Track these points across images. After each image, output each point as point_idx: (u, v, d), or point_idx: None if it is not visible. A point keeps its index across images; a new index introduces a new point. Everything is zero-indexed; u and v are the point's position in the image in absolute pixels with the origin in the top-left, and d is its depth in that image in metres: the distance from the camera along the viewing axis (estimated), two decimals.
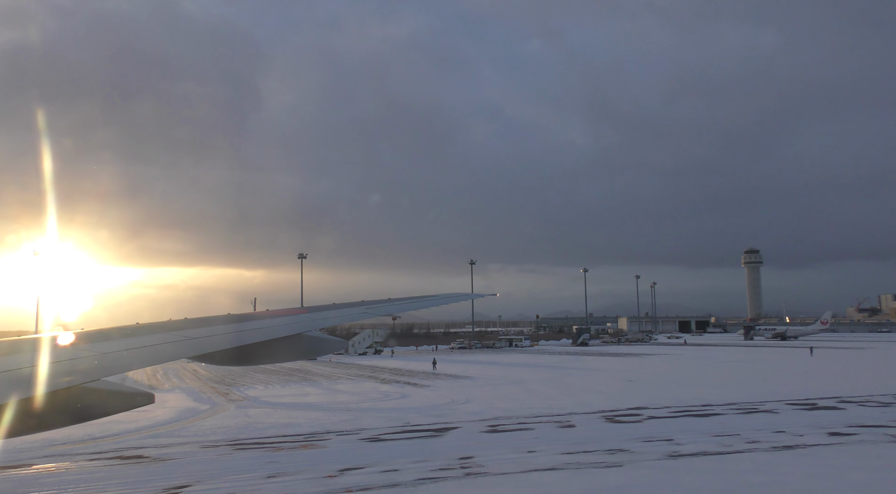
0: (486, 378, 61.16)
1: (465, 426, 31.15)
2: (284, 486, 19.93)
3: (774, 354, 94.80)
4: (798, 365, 72.16)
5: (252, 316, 11.73)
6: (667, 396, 41.58)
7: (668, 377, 59.09)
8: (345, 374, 70.52)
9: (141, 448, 27.41)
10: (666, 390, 45.98)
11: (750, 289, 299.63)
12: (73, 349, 7.62)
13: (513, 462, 22.24)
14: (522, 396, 44.33)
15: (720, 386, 49.10)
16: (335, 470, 21.83)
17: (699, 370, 67.75)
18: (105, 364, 7.20)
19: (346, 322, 13.58)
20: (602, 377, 60.28)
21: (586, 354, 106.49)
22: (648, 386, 50.59)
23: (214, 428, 32.48)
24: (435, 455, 24.11)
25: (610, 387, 49.60)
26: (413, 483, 19.72)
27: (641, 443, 25.28)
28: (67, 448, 28.01)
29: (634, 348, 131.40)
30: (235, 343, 9.50)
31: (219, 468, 23.09)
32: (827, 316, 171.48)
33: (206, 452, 26.35)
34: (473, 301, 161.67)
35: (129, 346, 8.02)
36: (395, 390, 50.67)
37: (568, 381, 56.03)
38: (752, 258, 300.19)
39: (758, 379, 55.16)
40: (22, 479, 22.15)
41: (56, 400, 6.28)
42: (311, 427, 32.10)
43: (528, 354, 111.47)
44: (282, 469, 22.26)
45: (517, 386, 51.76)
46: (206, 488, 19.99)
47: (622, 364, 79.33)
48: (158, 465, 23.94)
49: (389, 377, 64.72)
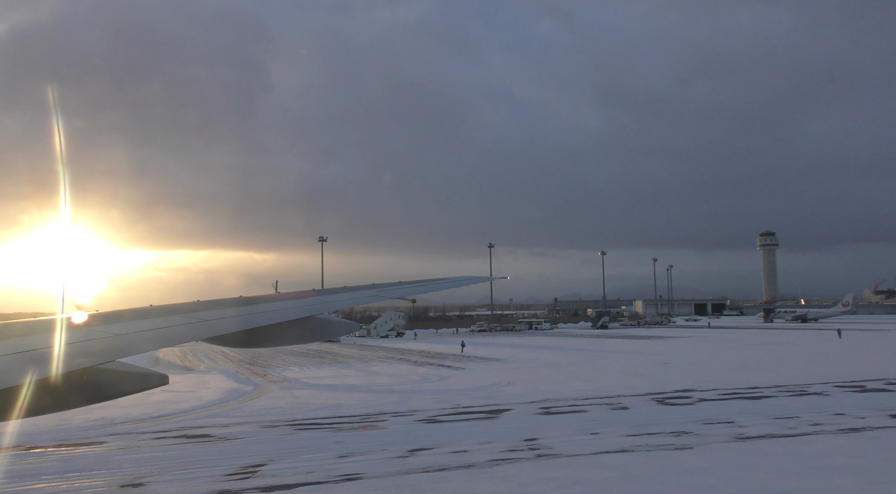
0: (518, 360, 61.34)
1: (516, 408, 31.29)
2: (360, 465, 20.15)
3: (801, 337, 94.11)
4: (829, 347, 71.58)
5: (263, 299, 11.85)
6: (708, 379, 41.45)
7: (702, 359, 58.87)
8: (375, 357, 71.06)
9: (202, 428, 27.85)
10: (704, 373, 45.81)
11: (765, 272, 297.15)
12: (88, 330, 7.65)
13: (580, 444, 22.32)
14: (562, 378, 44.42)
15: (759, 368, 48.88)
16: (404, 451, 22.05)
17: (730, 352, 67.45)
18: (119, 345, 7.26)
19: (356, 305, 13.58)
20: (635, 359, 60.21)
21: (609, 337, 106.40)
22: (684, 368, 50.46)
23: (267, 409, 32.90)
24: (498, 436, 24.25)
25: (647, 370, 49.54)
26: (488, 464, 19.86)
27: (703, 426, 25.26)
28: (128, 428, 28.55)
29: (655, 331, 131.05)
30: (247, 325, 9.57)
31: (287, 447, 23.41)
32: (848, 299, 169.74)
33: (268, 432, 26.73)
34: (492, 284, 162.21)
35: (143, 328, 8.07)
36: (432, 372, 50.98)
37: (602, 364, 56.05)
38: (767, 240, 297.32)
39: (795, 361, 54.81)
40: (99, 456, 22.61)
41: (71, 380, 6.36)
42: (362, 408, 32.41)
43: (550, 337, 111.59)
44: (351, 449, 22.52)
45: (553, 369, 51.87)
46: (283, 467, 20.28)
47: (650, 346, 79.19)
48: (226, 444, 24.32)
49: (421, 359, 65.13)
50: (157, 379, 7.69)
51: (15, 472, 20.60)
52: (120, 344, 7.28)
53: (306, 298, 12.08)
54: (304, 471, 19.69)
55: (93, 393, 6.94)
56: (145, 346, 7.54)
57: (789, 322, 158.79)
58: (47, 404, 6.37)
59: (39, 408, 6.26)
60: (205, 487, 18.32)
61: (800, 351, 67.87)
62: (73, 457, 22.84)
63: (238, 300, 11.16)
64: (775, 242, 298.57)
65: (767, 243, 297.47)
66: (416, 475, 18.90)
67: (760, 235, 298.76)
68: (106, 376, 6.97)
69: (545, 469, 19.14)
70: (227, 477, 19.29)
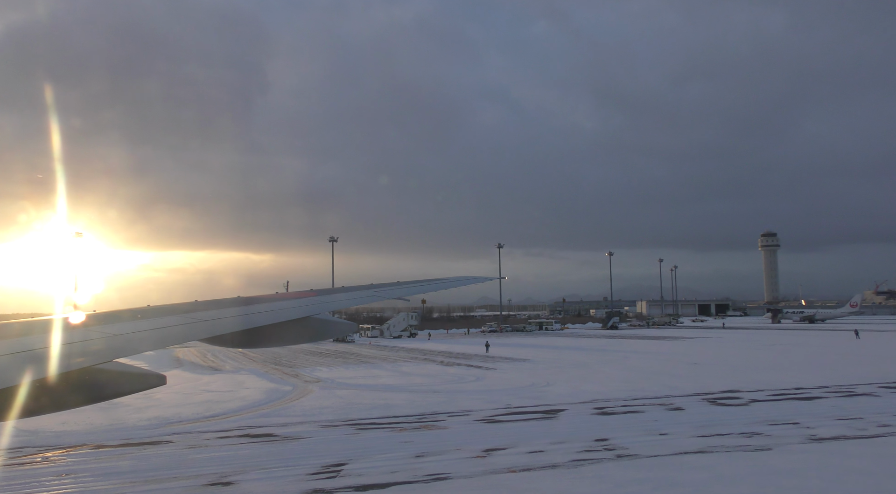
0: (544, 361, 61.26)
1: (570, 408, 31.25)
2: (440, 465, 20.12)
3: (818, 337, 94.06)
4: (851, 347, 71.55)
5: (261, 299, 11.80)
6: (748, 379, 41.39)
7: (729, 360, 58.78)
8: (398, 357, 71.04)
9: (261, 427, 27.81)
10: (740, 373, 45.74)
11: (767, 273, 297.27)
12: (86, 330, 7.62)
13: (654, 445, 22.29)
14: (599, 379, 44.36)
15: (791, 369, 48.80)
16: (479, 451, 22.01)
17: (754, 353, 67.42)
18: (117, 345, 7.24)
19: (354, 305, 13.60)
20: (662, 360, 60.16)
21: (623, 338, 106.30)
22: (716, 368, 50.42)
23: (317, 409, 32.84)
24: (566, 436, 24.22)
25: (679, 370, 49.51)
26: (571, 465, 19.83)
27: (769, 427, 25.21)
28: (185, 427, 28.54)
29: (666, 331, 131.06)
30: (245, 325, 9.55)
31: (357, 446, 23.36)
32: (856, 300, 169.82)
33: (330, 431, 26.70)
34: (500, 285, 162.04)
35: (141, 328, 8.05)
36: (464, 372, 50.92)
37: (631, 364, 55.98)
38: (768, 241, 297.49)
39: (825, 361, 54.71)
40: (173, 455, 22.58)
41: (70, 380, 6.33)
42: (412, 408, 32.33)
43: (564, 338, 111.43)
44: (423, 449, 22.47)
45: (584, 370, 51.81)
46: (363, 466, 20.25)
47: (670, 347, 79.14)
48: (295, 443, 24.29)
49: (447, 360, 65.08)
50: (154, 380, 7.59)
51: (97, 470, 20.59)
52: (118, 344, 7.26)
53: (305, 298, 12.05)
54: (388, 471, 19.66)
55: (91, 393, 6.89)
56: (143, 346, 7.49)
57: (797, 322, 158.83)
58: (45, 404, 6.33)
59: (38, 408, 6.22)
60: (294, 486, 18.29)
61: (824, 351, 67.80)
62: (147, 456, 22.83)
63: (236, 300, 11.11)
64: (776, 243, 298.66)
65: (769, 244, 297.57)
66: (503, 475, 18.88)
67: (762, 236, 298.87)
68: (104, 376, 6.92)
69: (631, 469, 19.10)
70: (312, 477, 19.26)
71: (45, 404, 6.31)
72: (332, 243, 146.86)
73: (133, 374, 7.35)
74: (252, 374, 52.46)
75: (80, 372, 6.41)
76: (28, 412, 6.09)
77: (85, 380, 6.65)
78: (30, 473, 20.56)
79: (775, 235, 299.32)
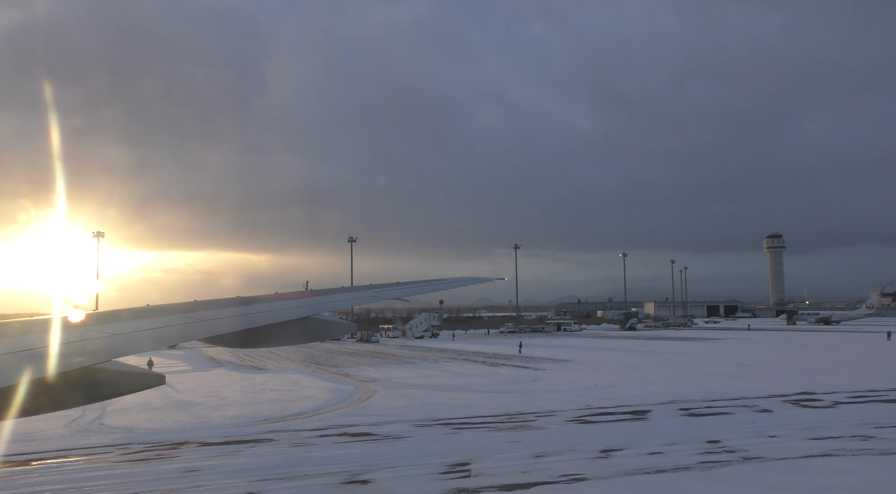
0: (587, 361, 61.04)
1: (654, 410, 31.06)
2: (567, 465, 19.97)
3: (848, 339, 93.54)
4: (889, 349, 71.14)
5: (260, 299, 11.76)
6: (814, 381, 41.02)
7: (774, 361, 58.40)
8: (438, 357, 70.97)
9: (353, 426, 27.69)
10: (799, 375, 45.40)
11: (772, 274, 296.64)
12: (85, 330, 7.59)
13: (771, 448, 22.09)
14: (658, 380, 44.10)
15: (848, 370, 48.23)
16: (596, 451, 21.86)
17: (794, 354, 67.05)
18: (116, 345, 7.21)
19: (354, 305, 13.58)
20: (706, 361, 59.88)
21: (648, 338, 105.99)
22: (769, 370, 50.11)
23: (396, 408, 32.68)
24: (673, 438, 24.01)
25: (732, 371, 49.22)
26: (701, 466, 19.67)
27: (875, 429, 24.99)
28: (274, 425, 28.45)
29: (684, 332, 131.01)
30: (244, 325, 9.52)
31: (469, 446, 23.19)
32: (873, 301, 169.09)
33: (427, 430, 26.56)
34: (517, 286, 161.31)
35: (140, 328, 8.02)
36: (516, 373, 50.75)
37: (680, 365, 55.70)
38: (774, 243, 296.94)
39: (874, 363, 54.13)
40: (287, 453, 22.45)
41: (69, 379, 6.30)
42: (492, 408, 32.14)
43: (586, 338, 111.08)
44: (538, 449, 22.30)
45: (636, 370, 51.54)
46: (489, 466, 20.11)
47: (703, 348, 78.78)
48: (402, 443, 24.15)
49: (488, 360, 64.94)
50: (154, 379, 7.60)
51: (220, 467, 20.49)
52: (117, 343, 7.23)
53: (304, 298, 12.00)
54: (518, 470, 19.53)
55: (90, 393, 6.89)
56: (142, 346, 7.44)
57: (812, 324, 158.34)
58: (45, 403, 6.32)
59: (36, 407, 6.21)
60: (432, 485, 18.18)
61: (863, 353, 67.34)
62: (261, 453, 22.74)
63: (235, 300, 11.07)
64: (782, 244, 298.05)
65: (774, 245, 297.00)
66: (639, 476, 18.72)
67: (767, 237, 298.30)
68: (103, 375, 6.91)
69: (770, 472, 18.92)
70: (444, 476, 19.15)
71: (44, 403, 6.31)
72: (351, 243, 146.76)
73: (132, 374, 7.35)
74: (302, 374, 52.37)
75: (80, 372, 6.40)
76: (27, 411, 6.08)
77: (84, 380, 6.67)
78: (156, 470, 20.48)
79: (781, 237, 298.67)
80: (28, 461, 22.27)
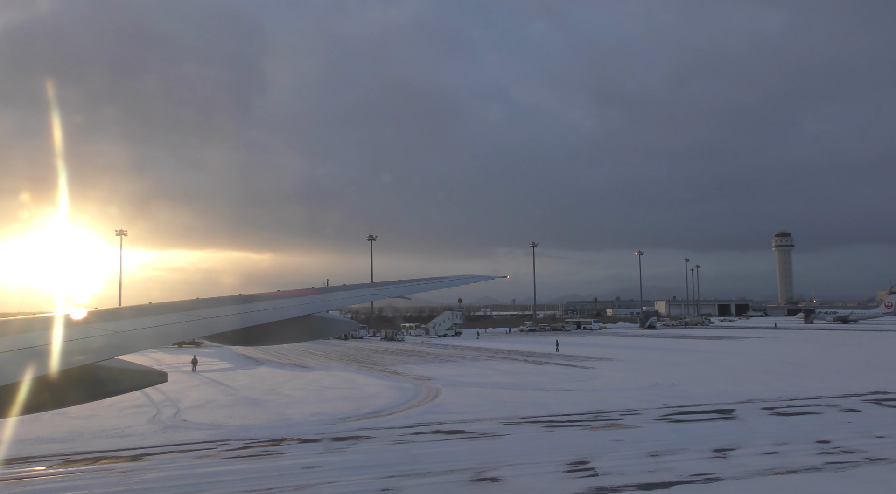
0: (629, 360, 60.70)
1: (737, 408, 30.79)
2: (690, 465, 19.76)
3: (876, 338, 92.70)
4: None
5: (262, 297, 11.76)
6: (881, 380, 40.61)
7: (820, 360, 57.88)
8: (473, 356, 70.84)
9: (440, 424, 27.55)
10: (856, 374, 44.92)
11: (781, 273, 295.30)
12: (87, 327, 7.59)
13: (890, 448, 21.82)
14: (716, 378, 43.68)
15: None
16: (709, 450, 21.66)
17: (834, 352, 66.58)
18: (118, 342, 7.21)
19: (355, 303, 13.51)
20: (753, 360, 59.38)
21: (675, 337, 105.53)
22: (820, 369, 49.63)
23: (472, 406, 32.47)
24: (780, 437, 23.76)
25: (786, 369, 48.85)
26: (831, 467, 19.45)
27: None
28: (361, 423, 28.36)
29: (706, 331, 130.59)
30: (246, 323, 9.49)
31: (573, 444, 22.99)
32: (892, 300, 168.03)
33: (518, 428, 26.39)
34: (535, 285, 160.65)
35: (142, 325, 8.02)
36: (568, 371, 50.51)
37: (728, 364, 55.26)
38: (782, 241, 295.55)
39: None
40: (396, 450, 22.34)
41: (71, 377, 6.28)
42: (569, 407, 31.90)
43: (611, 337, 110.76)
44: (650, 448, 22.11)
45: (683, 368, 51.19)
46: (610, 464, 19.93)
47: (739, 346, 78.12)
48: (501, 441, 24.00)
49: (529, 358, 64.75)
50: (156, 377, 7.58)
51: (338, 463, 20.37)
52: (119, 341, 7.26)
53: (305, 296, 11.99)
54: (643, 469, 19.35)
55: (92, 390, 6.90)
56: (144, 344, 7.46)
57: (830, 323, 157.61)
58: (47, 400, 6.35)
59: (38, 405, 6.23)
60: (561, 484, 18.00)
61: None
62: (371, 450, 22.62)
63: (237, 298, 11.14)
64: (790, 243, 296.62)
65: (782, 244, 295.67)
66: (773, 477, 18.51)
67: (776, 236, 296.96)
68: (105, 373, 6.92)
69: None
70: (569, 474, 18.98)
71: (46, 400, 6.35)
72: (371, 242, 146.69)
73: (134, 371, 7.34)
74: (352, 372, 52.31)
75: (82, 369, 6.41)
76: (29, 408, 6.10)
77: (86, 377, 6.68)
78: (273, 466, 20.39)
79: (789, 235, 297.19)
80: (138, 456, 22.24)
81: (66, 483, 19.03)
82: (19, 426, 28.40)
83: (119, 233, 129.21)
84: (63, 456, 22.44)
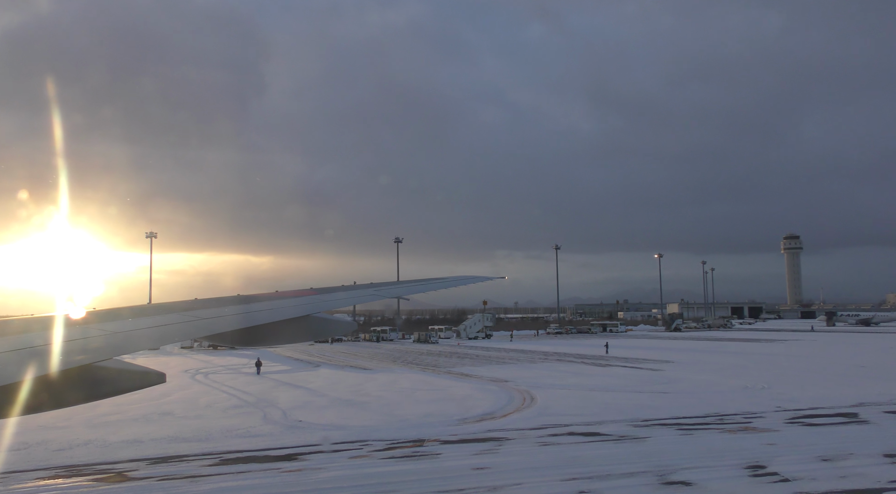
0: (687, 362, 59.96)
1: (860, 412, 30.23)
2: (873, 470, 19.25)
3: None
4: None
5: (261, 298, 11.77)
6: None
7: (883, 363, 57.20)
8: (528, 358, 70.35)
9: (569, 425, 27.10)
10: None
11: (790, 275, 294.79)
12: (86, 328, 7.58)
13: None
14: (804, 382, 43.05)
15: None
16: (877, 455, 21.14)
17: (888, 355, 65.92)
18: (117, 343, 7.20)
19: (354, 304, 13.45)
20: (814, 362, 58.74)
21: (709, 339, 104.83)
22: (890, 371, 49.09)
23: (579, 409, 31.93)
24: None
25: (858, 372, 48.25)
26: None
27: None
28: (486, 425, 27.91)
29: (732, 333, 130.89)
30: (245, 323, 9.51)
31: (723, 448, 22.51)
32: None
33: (653, 431, 25.93)
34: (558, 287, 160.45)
35: (141, 326, 8.03)
36: (636, 374, 49.94)
37: (794, 366, 54.65)
38: (791, 244, 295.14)
39: None
40: (547, 452, 21.86)
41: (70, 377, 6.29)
42: (674, 409, 31.29)
43: (643, 339, 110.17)
44: (819, 452, 21.60)
45: (754, 371, 50.35)
46: (786, 469, 19.41)
47: (785, 349, 77.26)
48: (647, 443, 23.49)
49: (583, 360, 64.22)
50: (155, 377, 7.62)
51: (506, 466, 19.91)
52: (118, 341, 7.27)
53: (304, 297, 11.98)
54: (832, 476, 18.82)
55: (91, 391, 6.94)
56: (143, 344, 7.47)
57: (852, 325, 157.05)
58: (46, 401, 6.37)
59: (38, 405, 6.26)
60: (756, 489, 17.51)
61: None
62: (526, 452, 22.20)
63: (236, 298, 11.18)
64: (799, 245, 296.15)
65: (791, 246, 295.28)
66: None
67: (784, 238, 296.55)
68: (104, 373, 6.96)
69: None
70: (756, 479, 18.50)
71: (45, 401, 6.37)
72: (398, 244, 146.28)
73: (133, 372, 7.41)
74: (421, 374, 52.02)
75: (81, 370, 6.42)
76: (29, 409, 6.13)
77: (86, 377, 6.72)
78: (441, 466, 19.94)
79: (798, 238, 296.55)
80: (290, 456, 21.83)
81: (243, 481, 18.64)
82: (129, 426, 28.09)
83: (149, 235, 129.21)
84: (213, 456, 22.07)
